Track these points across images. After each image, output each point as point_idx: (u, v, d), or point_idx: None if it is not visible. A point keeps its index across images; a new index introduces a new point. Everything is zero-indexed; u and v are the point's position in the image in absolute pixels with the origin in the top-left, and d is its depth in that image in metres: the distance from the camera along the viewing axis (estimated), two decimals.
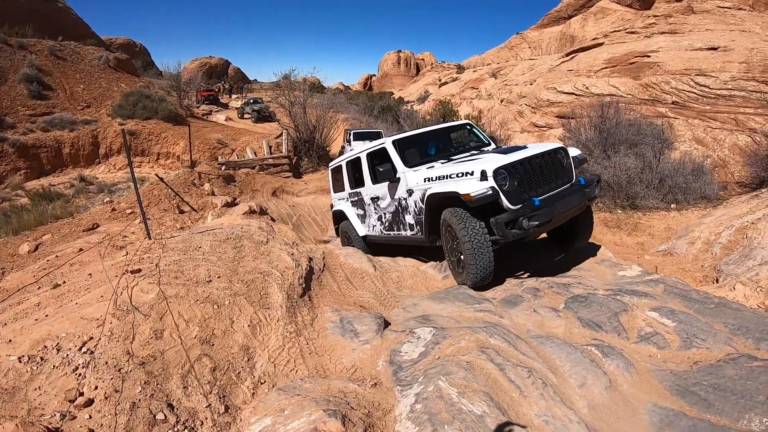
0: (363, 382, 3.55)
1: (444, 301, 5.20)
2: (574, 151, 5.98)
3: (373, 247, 8.24)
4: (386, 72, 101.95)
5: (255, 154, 21.45)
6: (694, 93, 16.92)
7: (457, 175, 5.44)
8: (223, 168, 17.98)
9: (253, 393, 3.54)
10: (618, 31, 26.61)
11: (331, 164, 9.55)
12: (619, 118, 15.31)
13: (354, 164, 8.30)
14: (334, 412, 2.89)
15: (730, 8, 24.03)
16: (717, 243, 9.35)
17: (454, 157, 6.78)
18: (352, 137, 21.13)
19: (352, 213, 8.63)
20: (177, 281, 4.41)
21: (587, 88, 21.47)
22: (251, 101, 37.55)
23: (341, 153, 22.28)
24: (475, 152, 6.93)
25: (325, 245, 7.65)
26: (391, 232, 7.32)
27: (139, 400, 3.14)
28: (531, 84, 29.44)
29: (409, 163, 6.65)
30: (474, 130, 7.93)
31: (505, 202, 5.07)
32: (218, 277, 4.64)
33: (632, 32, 25.14)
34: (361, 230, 8.36)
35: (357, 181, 8.25)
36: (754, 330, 4.04)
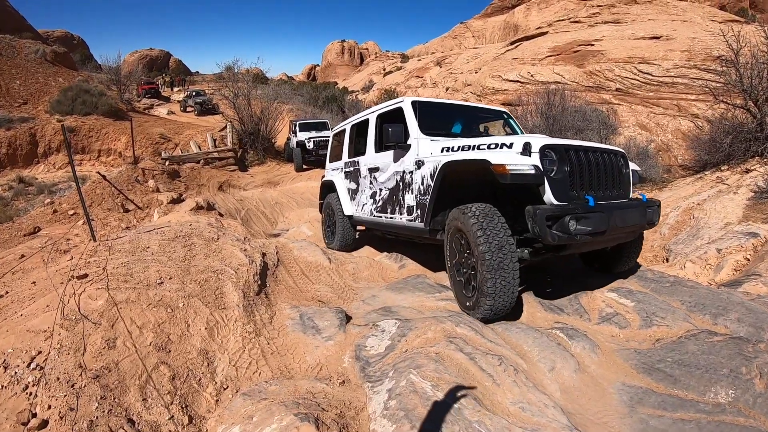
0: (330, 380, 3.41)
1: (403, 291, 5.10)
2: (633, 165, 4.85)
3: (365, 233, 7.29)
4: (330, 62, 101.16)
5: (199, 147, 21.00)
6: (638, 80, 17.43)
7: (489, 146, 4.27)
8: (167, 163, 17.46)
9: (217, 400, 3.34)
10: (562, 20, 27.21)
11: (334, 128, 8.47)
12: (565, 105, 15.68)
13: (359, 128, 7.08)
14: (306, 415, 2.73)
15: None
16: (665, 224, 9.63)
17: None
18: (297, 128, 20.86)
19: (342, 186, 7.40)
20: (126, 285, 4.13)
21: (532, 75, 21.85)
22: (194, 94, 36.84)
23: (287, 144, 22.13)
24: None
25: (277, 239, 7.37)
26: (383, 216, 6.04)
27: (97, 417, 2.89)
28: (476, 72, 29.83)
29: (427, 131, 5.39)
30: (510, 121, 6.65)
31: (549, 195, 3.81)
32: (170, 279, 4.39)
33: (576, 21, 25.74)
34: (348, 208, 7.15)
35: (357, 149, 7.09)
36: (710, 306, 4.19)
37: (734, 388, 3.03)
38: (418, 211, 5.13)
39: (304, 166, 19.99)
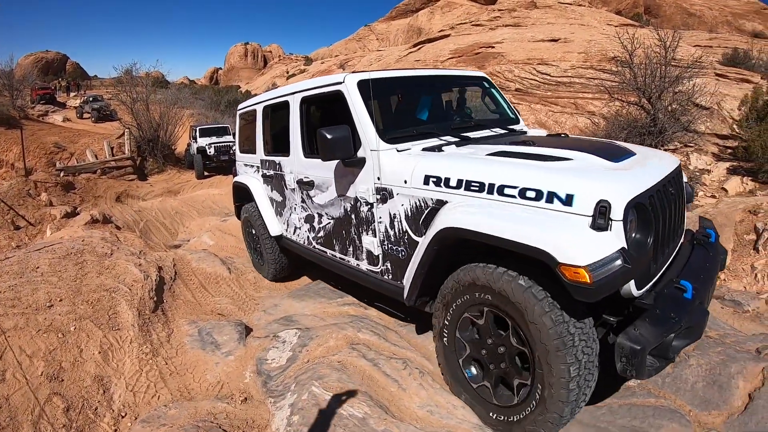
0: (232, 398, 3.28)
1: (305, 298, 4.94)
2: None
3: (293, 254, 5.26)
4: (233, 65, 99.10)
5: (96, 156, 20.12)
6: (537, 80, 18.19)
7: (523, 194, 2.48)
8: (62, 174, 16.61)
9: (115, 429, 3.14)
10: (464, 23, 28.01)
11: (240, 106, 6.16)
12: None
13: (276, 112, 4.94)
14: None
15: (570, 4, 26.51)
16: None
17: (470, 135, 3.80)
18: (198, 133, 20.23)
19: (262, 194, 5.38)
20: (14, 310, 3.81)
21: None
22: (91, 99, 34.77)
23: (187, 151, 21.44)
24: (506, 133, 4.12)
25: (175, 251, 6.94)
26: (328, 251, 4.25)
27: None
28: None
29: (389, 133, 3.45)
30: (492, 91, 4.72)
31: (630, 284, 2.36)
32: (60, 300, 4.09)
33: (478, 25, 26.57)
34: (275, 227, 5.18)
35: (276, 144, 4.99)
36: None
37: None
38: (387, 264, 3.50)
39: (206, 173, 19.50)
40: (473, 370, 2.87)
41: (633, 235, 2.34)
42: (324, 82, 3.90)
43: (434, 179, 2.95)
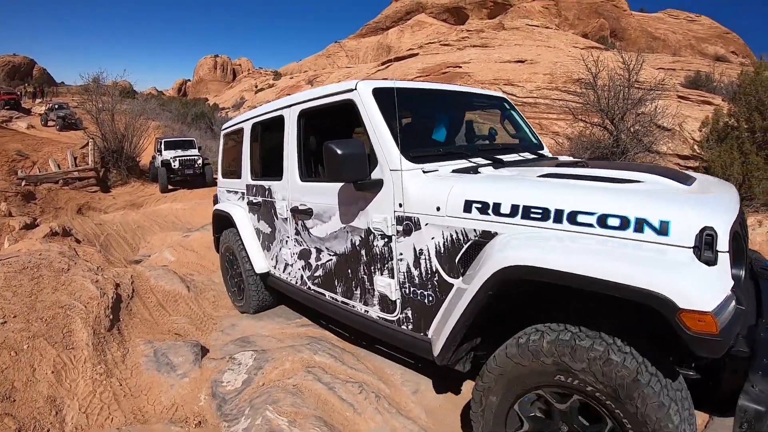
0: (186, 422, 3.25)
1: (263, 318, 4.95)
2: None
3: (284, 294, 4.64)
4: (202, 77, 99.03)
5: (59, 166, 19.58)
6: None
7: (602, 222, 2.01)
8: (23, 183, 16.20)
9: None
10: (433, 42, 28.43)
11: (226, 125, 5.71)
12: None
13: (268, 129, 4.44)
14: None
15: (537, 26, 27.18)
16: None
17: (502, 158, 3.30)
18: (162, 146, 20.10)
19: (246, 224, 4.85)
20: None
21: None
22: (56, 107, 33.80)
23: (152, 164, 21.11)
24: (539, 158, 3.72)
25: (134, 267, 6.69)
26: (327, 293, 3.68)
27: None
28: None
29: (413, 151, 2.93)
30: (513, 113, 4.31)
31: None
32: (14, 317, 3.99)
33: (446, 44, 26.98)
34: (261, 262, 4.66)
35: (266, 166, 4.50)
36: None
37: None
38: (407, 312, 2.91)
39: (170, 187, 19.31)
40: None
41: (732, 267, 1.90)
42: (329, 91, 3.37)
43: (478, 205, 2.41)
